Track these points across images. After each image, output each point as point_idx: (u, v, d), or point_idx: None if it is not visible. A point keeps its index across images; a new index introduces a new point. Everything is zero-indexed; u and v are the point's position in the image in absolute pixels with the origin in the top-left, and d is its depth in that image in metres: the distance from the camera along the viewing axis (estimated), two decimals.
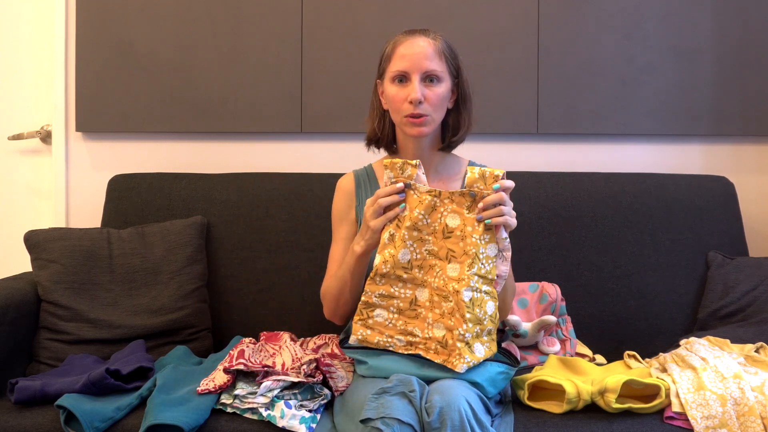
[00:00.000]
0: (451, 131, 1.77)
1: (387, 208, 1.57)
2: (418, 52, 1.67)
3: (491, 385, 1.56)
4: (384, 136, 1.79)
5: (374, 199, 1.57)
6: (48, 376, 1.75)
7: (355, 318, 1.59)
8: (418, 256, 1.56)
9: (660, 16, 2.37)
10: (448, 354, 1.51)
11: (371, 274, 1.57)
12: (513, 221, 1.52)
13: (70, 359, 1.85)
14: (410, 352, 1.56)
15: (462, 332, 1.49)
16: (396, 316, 1.57)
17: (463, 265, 1.52)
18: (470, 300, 1.49)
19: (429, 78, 1.68)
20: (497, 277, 1.53)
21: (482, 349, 1.52)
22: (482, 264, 1.51)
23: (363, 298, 1.58)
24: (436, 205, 1.55)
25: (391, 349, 1.58)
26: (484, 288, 1.52)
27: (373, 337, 1.58)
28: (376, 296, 1.57)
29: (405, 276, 1.56)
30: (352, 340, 1.60)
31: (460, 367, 1.48)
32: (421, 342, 1.55)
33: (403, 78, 1.69)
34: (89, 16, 2.39)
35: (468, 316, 1.48)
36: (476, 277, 1.51)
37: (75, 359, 1.85)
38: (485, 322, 1.52)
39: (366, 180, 1.83)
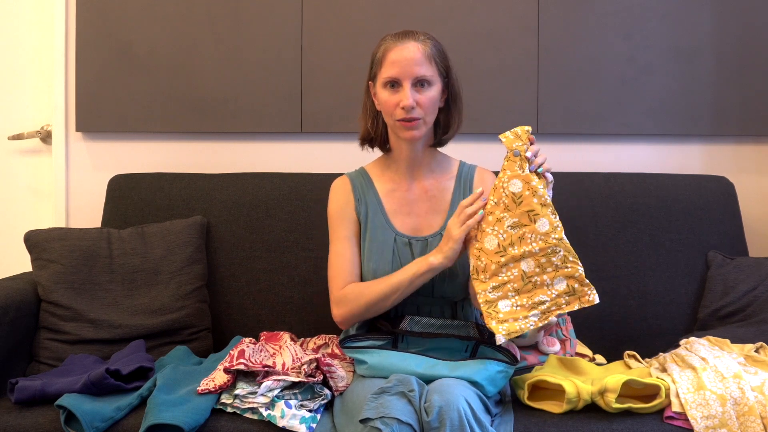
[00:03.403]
0: (442, 129, 1.80)
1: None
2: (408, 58, 1.68)
3: (491, 384, 1.56)
4: (377, 137, 1.81)
5: (459, 210, 1.62)
6: (48, 376, 1.75)
7: (487, 320, 1.57)
8: (504, 236, 1.59)
9: (660, 16, 2.37)
10: (578, 298, 1.57)
11: (473, 275, 1.60)
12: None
13: (70, 359, 1.85)
14: (548, 319, 1.56)
15: (582, 271, 1.57)
16: (517, 298, 1.58)
17: (548, 216, 1.57)
18: (569, 243, 1.58)
19: (420, 83, 1.70)
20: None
21: None
22: (555, 209, 1.59)
23: (480, 300, 1.59)
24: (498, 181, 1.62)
25: (531, 328, 1.56)
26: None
27: (513, 326, 1.56)
28: (489, 292, 1.59)
29: (503, 260, 1.59)
30: (502, 341, 1.54)
31: (596, 298, 1.56)
32: (552, 304, 1.57)
33: (394, 84, 1.70)
34: (89, 16, 2.39)
35: (578, 256, 1.58)
36: (561, 223, 1.58)
37: (75, 359, 1.85)
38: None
39: (362, 181, 1.83)
